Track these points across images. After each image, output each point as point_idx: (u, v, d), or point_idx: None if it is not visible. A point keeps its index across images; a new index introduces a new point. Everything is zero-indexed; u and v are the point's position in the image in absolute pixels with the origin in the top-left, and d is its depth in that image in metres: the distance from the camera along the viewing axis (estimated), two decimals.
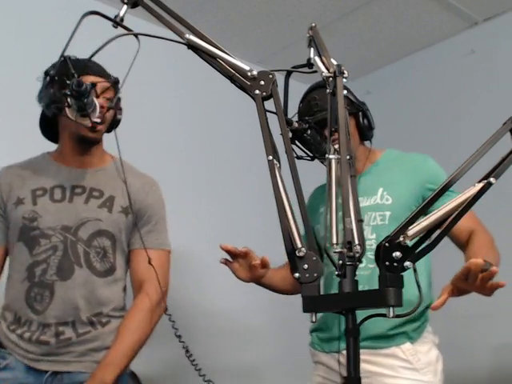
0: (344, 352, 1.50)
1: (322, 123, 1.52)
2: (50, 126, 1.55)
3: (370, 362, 1.49)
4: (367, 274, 1.42)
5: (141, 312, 1.46)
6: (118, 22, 1.17)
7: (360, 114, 1.61)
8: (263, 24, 2.73)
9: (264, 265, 1.49)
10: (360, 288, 0.92)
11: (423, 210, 0.91)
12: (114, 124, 1.52)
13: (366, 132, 1.63)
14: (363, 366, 1.45)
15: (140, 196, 1.53)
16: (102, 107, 1.37)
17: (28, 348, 1.40)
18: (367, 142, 1.68)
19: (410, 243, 0.87)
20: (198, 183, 2.66)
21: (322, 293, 0.92)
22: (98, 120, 1.36)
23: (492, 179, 0.93)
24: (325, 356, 1.58)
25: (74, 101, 1.27)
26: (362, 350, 1.46)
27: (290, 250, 0.92)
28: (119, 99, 1.53)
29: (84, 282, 1.43)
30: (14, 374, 1.39)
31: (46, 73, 1.37)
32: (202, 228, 2.57)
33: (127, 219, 1.51)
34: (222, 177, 2.76)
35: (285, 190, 0.98)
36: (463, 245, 1.52)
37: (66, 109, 1.30)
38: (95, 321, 1.44)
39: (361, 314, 0.90)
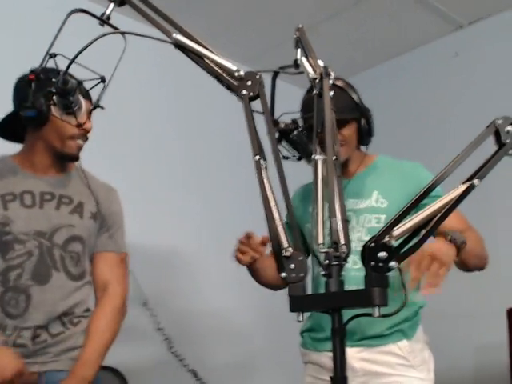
0: None
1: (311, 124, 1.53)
2: (12, 125, 1.50)
3: (368, 360, 1.50)
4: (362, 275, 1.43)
5: (109, 313, 1.52)
6: (104, 20, 1.16)
7: (363, 119, 1.61)
8: (251, 24, 2.74)
9: (264, 243, 1.49)
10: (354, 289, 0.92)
11: (408, 211, 0.92)
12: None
13: (365, 138, 1.64)
14: (360, 364, 1.49)
15: (105, 203, 1.58)
16: (87, 131, 1.43)
17: None
18: (362, 147, 1.70)
19: (395, 244, 0.88)
20: (187, 183, 2.65)
21: (310, 292, 0.93)
22: (84, 119, 1.36)
23: (476, 181, 0.95)
24: (316, 355, 1.58)
25: (59, 99, 1.26)
26: (358, 348, 1.49)
27: (277, 249, 0.92)
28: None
29: (61, 285, 1.47)
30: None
31: (32, 72, 1.34)
32: (190, 227, 2.57)
33: (96, 224, 1.56)
34: (211, 176, 2.77)
35: (271, 190, 0.99)
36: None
37: (52, 107, 1.29)
38: (66, 321, 1.48)
39: (350, 314, 0.90)
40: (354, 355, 1.49)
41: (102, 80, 1.33)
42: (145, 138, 2.52)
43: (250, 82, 1.06)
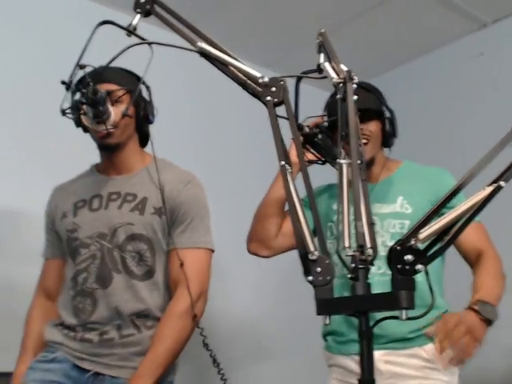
0: None
1: (334, 127, 1.54)
2: None
3: (394, 362, 1.50)
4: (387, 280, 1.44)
5: (172, 318, 1.41)
6: (131, 31, 1.20)
7: (387, 119, 1.63)
8: (272, 28, 2.75)
9: None
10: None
11: (434, 214, 0.92)
12: (143, 120, 1.52)
13: (388, 139, 1.64)
14: (386, 367, 1.49)
15: (172, 195, 1.48)
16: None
17: (73, 346, 1.44)
18: (386, 150, 1.70)
19: (421, 246, 0.88)
20: (213, 187, 2.67)
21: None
22: (111, 128, 1.39)
23: (502, 182, 0.94)
24: (342, 358, 1.58)
25: (89, 108, 1.29)
26: (384, 351, 1.49)
27: (303, 253, 0.93)
28: (145, 105, 1.52)
29: (125, 286, 1.44)
30: (61, 365, 1.43)
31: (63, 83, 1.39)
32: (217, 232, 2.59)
33: (161, 220, 1.47)
34: (235, 180, 2.79)
35: (297, 194, 1.00)
36: (470, 264, 1.59)
37: (82, 116, 1.33)
38: (140, 323, 1.44)
39: (376, 317, 0.91)
40: (380, 358, 1.49)
41: (129, 91, 1.37)
42: (169, 144, 2.54)
43: (274, 89, 1.08)
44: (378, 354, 1.49)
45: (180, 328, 1.40)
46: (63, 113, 1.35)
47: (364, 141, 1.59)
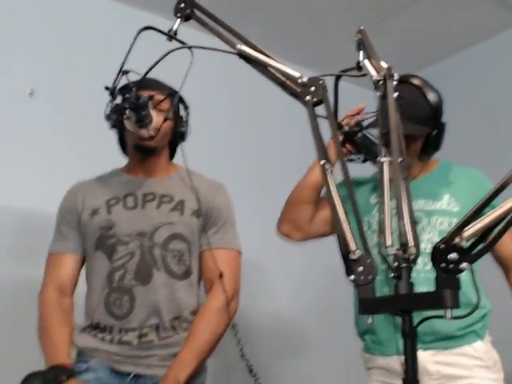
0: None
1: (375, 124, 1.52)
2: (125, 144, 1.64)
3: (443, 362, 1.48)
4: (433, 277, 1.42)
5: (210, 312, 1.46)
6: (172, 36, 1.22)
7: (433, 135, 1.56)
8: (309, 26, 2.74)
9: None
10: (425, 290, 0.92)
11: (479, 211, 0.91)
12: (178, 136, 1.58)
13: (429, 151, 1.60)
14: (436, 367, 1.47)
15: (207, 199, 1.55)
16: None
17: (110, 349, 1.42)
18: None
19: (466, 245, 0.87)
20: (251, 186, 2.69)
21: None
22: (152, 132, 1.42)
23: None
24: (383, 359, 1.57)
25: (132, 113, 1.33)
26: (432, 351, 1.48)
27: (345, 252, 0.93)
28: (178, 112, 1.57)
29: (164, 284, 1.45)
30: (96, 375, 1.41)
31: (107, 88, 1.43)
32: (252, 230, 2.61)
33: (199, 221, 1.53)
34: (274, 180, 2.79)
35: (338, 194, 1.00)
36: (505, 270, 1.59)
37: (125, 121, 1.36)
38: (176, 325, 1.46)
39: (418, 317, 0.90)
40: (429, 359, 1.48)
41: (171, 94, 1.39)
42: (211, 146, 2.58)
43: (313, 88, 1.08)
44: (426, 355, 1.47)
45: (217, 323, 1.45)
46: (108, 117, 1.39)
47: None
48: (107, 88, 1.30)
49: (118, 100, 1.35)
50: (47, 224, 1.63)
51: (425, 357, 1.47)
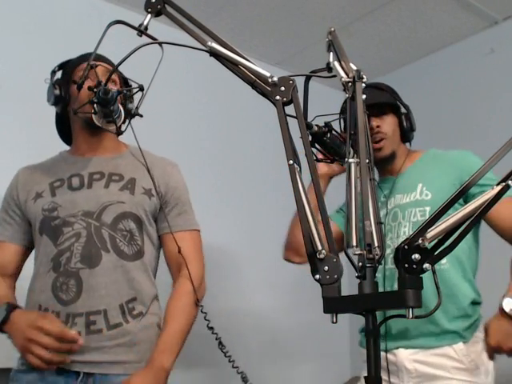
0: (394, 351, 1.52)
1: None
2: (64, 127, 1.60)
3: (421, 361, 1.50)
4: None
5: (184, 295, 1.44)
6: (142, 31, 1.21)
7: (403, 115, 1.67)
8: (282, 26, 2.75)
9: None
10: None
11: (442, 213, 0.92)
12: (126, 112, 1.47)
13: (406, 133, 1.68)
14: (414, 365, 1.49)
15: (164, 179, 1.52)
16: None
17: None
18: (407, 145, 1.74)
19: (428, 245, 0.88)
20: (220, 185, 2.69)
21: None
22: (122, 129, 1.39)
23: (511, 182, 0.94)
24: None
25: (100, 108, 1.31)
26: (412, 350, 1.50)
27: (311, 252, 0.94)
28: (130, 90, 1.52)
29: (113, 266, 1.39)
30: (41, 375, 1.34)
31: (60, 68, 1.45)
32: (222, 229, 2.61)
33: (151, 201, 1.48)
34: (249, 178, 2.80)
35: (305, 193, 1.01)
36: (507, 232, 1.53)
37: (93, 116, 1.34)
38: (127, 310, 1.39)
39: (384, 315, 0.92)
40: (408, 357, 1.50)
41: (141, 89, 1.38)
42: (181, 142, 2.57)
43: (283, 88, 1.08)
44: (406, 353, 1.50)
45: (192, 305, 1.44)
46: (75, 112, 1.38)
47: (382, 136, 1.63)
48: (74, 82, 1.29)
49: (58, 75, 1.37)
50: None
51: (405, 355, 1.50)
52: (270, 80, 1.09)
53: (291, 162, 1.03)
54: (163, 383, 1.35)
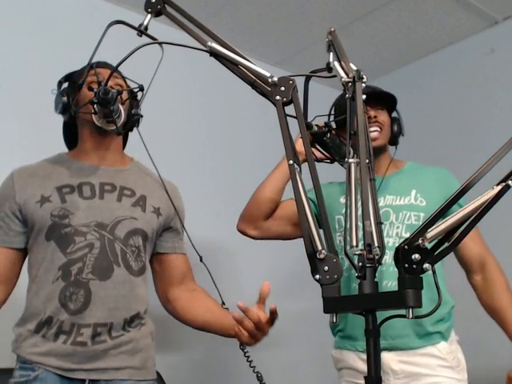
0: None
1: (343, 126, 1.56)
2: (71, 135, 1.57)
3: (407, 362, 1.51)
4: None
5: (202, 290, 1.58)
6: (142, 31, 1.21)
7: (394, 119, 1.71)
8: (282, 26, 2.75)
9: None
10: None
11: (442, 213, 0.93)
12: (133, 121, 1.48)
13: (396, 137, 1.72)
14: (400, 366, 1.50)
15: (169, 200, 1.54)
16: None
17: (63, 352, 1.34)
18: (392, 150, 1.75)
19: (428, 245, 0.88)
20: (220, 185, 2.69)
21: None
22: (121, 129, 1.39)
23: (511, 182, 0.94)
24: (352, 358, 1.59)
25: (100, 108, 1.30)
26: (397, 352, 1.51)
27: (311, 252, 0.94)
28: (135, 97, 1.52)
29: (123, 281, 1.40)
30: None
31: (66, 79, 1.42)
32: (222, 229, 2.61)
33: (158, 220, 1.50)
34: (244, 174, 2.79)
35: (305, 193, 1.01)
36: (467, 271, 1.64)
37: (93, 115, 1.34)
38: (127, 324, 1.40)
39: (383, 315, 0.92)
40: (394, 358, 1.51)
41: (141, 89, 1.38)
42: (181, 142, 2.57)
43: (283, 88, 1.09)
44: (391, 355, 1.51)
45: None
46: (75, 112, 1.38)
47: (377, 128, 1.64)
48: (74, 82, 1.29)
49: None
50: None
51: (390, 356, 1.51)
52: (269, 80, 1.10)
53: (291, 161, 1.03)
54: None
